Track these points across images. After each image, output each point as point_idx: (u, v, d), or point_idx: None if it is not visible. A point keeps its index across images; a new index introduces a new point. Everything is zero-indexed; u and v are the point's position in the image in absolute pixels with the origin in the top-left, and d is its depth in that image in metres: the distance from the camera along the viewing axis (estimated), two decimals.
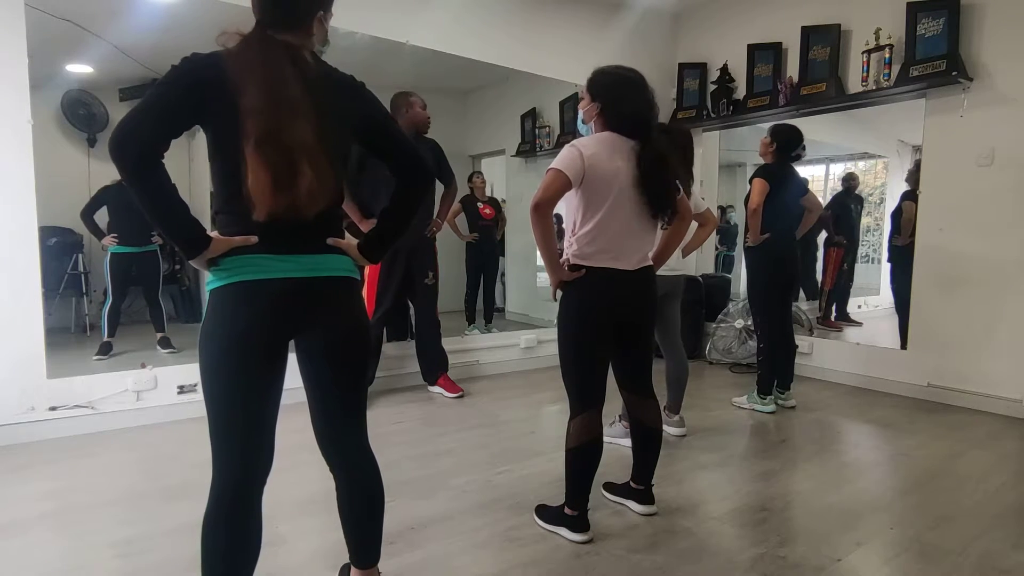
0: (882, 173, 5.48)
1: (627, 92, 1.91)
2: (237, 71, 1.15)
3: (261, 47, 1.19)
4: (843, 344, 4.44)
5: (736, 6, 4.71)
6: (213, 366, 1.23)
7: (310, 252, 1.27)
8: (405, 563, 1.80)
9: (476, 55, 4.10)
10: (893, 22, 3.76)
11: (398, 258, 3.47)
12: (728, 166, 5.64)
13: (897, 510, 2.24)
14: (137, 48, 3.69)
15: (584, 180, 1.84)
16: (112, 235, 3.98)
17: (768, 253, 3.32)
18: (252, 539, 1.29)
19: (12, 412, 2.77)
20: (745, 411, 3.46)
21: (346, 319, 1.34)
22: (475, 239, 5.21)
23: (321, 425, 1.39)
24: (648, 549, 1.92)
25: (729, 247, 5.88)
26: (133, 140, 1.11)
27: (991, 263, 3.51)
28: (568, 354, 1.96)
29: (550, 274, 1.95)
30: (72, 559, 1.85)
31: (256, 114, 1.14)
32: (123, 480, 2.42)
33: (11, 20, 2.68)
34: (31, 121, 2.74)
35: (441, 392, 3.70)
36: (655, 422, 2.12)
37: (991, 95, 3.47)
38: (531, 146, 5.43)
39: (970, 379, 3.60)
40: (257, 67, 1.16)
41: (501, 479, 2.45)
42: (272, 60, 1.18)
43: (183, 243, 1.20)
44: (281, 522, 2.02)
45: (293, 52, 1.22)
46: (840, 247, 5.06)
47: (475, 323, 5.22)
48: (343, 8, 3.72)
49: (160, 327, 4.15)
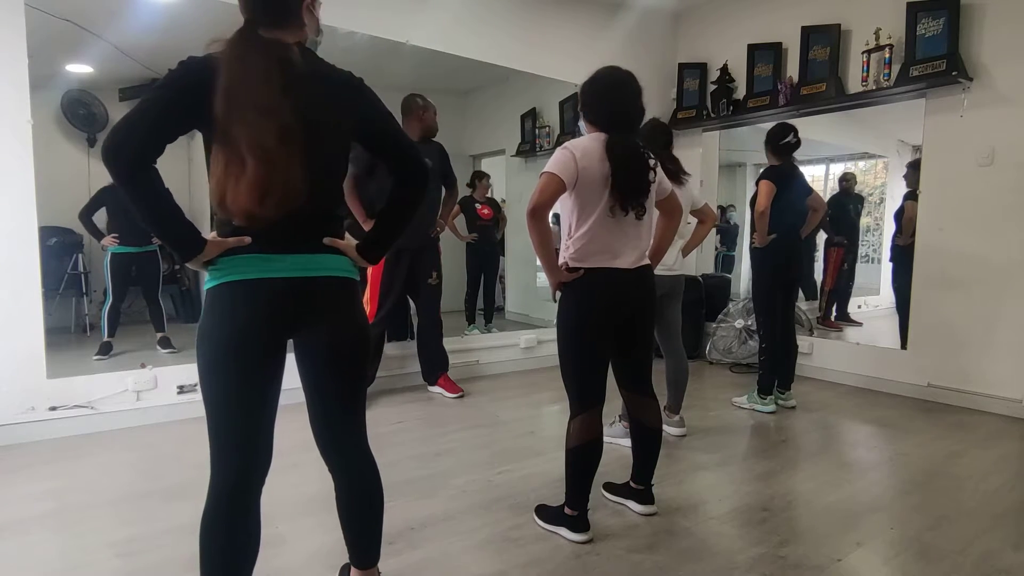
0: (882, 173, 5.48)
1: (607, 91, 1.93)
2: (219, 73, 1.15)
3: (241, 47, 1.18)
4: (843, 344, 4.44)
5: (736, 6, 4.71)
6: (210, 366, 1.23)
7: (306, 252, 1.27)
8: (405, 563, 1.80)
9: (476, 55, 4.10)
10: (893, 22, 3.76)
11: (402, 258, 3.47)
12: (728, 166, 5.63)
13: (897, 510, 2.24)
14: (137, 48, 3.69)
15: (578, 182, 1.85)
16: (112, 235, 3.98)
17: (773, 253, 3.32)
18: (251, 539, 1.29)
19: (12, 412, 2.77)
20: (745, 411, 3.46)
21: (344, 319, 1.33)
22: (474, 239, 5.21)
23: (320, 426, 1.39)
24: (648, 549, 1.92)
25: (729, 247, 5.87)
26: (126, 145, 1.11)
27: (991, 263, 3.50)
28: (568, 354, 1.96)
29: (548, 276, 1.95)
30: (72, 559, 1.85)
31: (218, 115, 1.14)
32: (123, 480, 2.42)
33: (11, 20, 2.68)
34: (31, 121, 2.74)
35: (441, 392, 3.70)
36: (655, 422, 2.12)
37: (991, 95, 3.47)
38: (531, 146, 5.43)
39: (970, 379, 3.59)
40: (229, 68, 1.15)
41: (501, 479, 2.45)
42: (248, 60, 1.17)
43: (178, 246, 1.20)
44: (281, 522, 2.02)
45: (280, 51, 1.21)
46: (840, 247, 5.07)
47: (475, 323, 5.22)
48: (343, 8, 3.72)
49: (160, 327, 4.15)
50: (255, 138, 1.14)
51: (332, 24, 3.39)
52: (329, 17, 1.89)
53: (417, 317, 3.75)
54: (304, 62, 1.24)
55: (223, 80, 1.14)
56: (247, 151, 1.14)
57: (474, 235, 5.21)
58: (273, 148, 1.15)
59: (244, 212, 1.16)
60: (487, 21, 4.14)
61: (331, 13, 2.06)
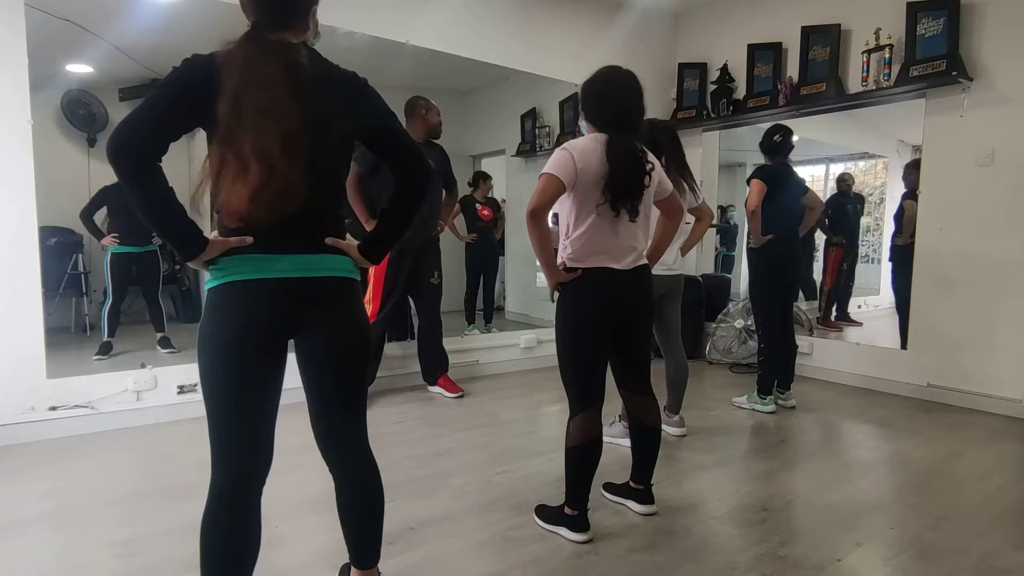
0: (882, 173, 5.48)
1: (605, 91, 1.93)
2: (223, 73, 1.15)
3: (249, 50, 1.19)
4: (843, 344, 4.44)
5: (736, 6, 4.71)
6: (211, 366, 1.23)
7: (308, 252, 1.27)
8: (405, 563, 1.80)
9: (476, 55, 4.10)
10: (893, 22, 3.76)
11: (406, 258, 3.48)
12: (728, 166, 5.64)
13: (897, 510, 2.24)
14: (137, 48, 3.69)
15: (576, 182, 1.85)
16: (112, 235, 3.98)
17: (771, 254, 3.32)
18: (251, 539, 1.29)
19: (12, 412, 2.77)
20: (745, 411, 3.46)
21: (345, 320, 1.33)
22: (474, 239, 5.22)
23: (320, 426, 1.39)
24: (648, 549, 1.92)
25: (729, 247, 5.87)
26: (130, 144, 1.11)
27: (991, 263, 3.51)
28: (566, 354, 1.96)
29: (547, 276, 1.95)
30: (72, 559, 1.85)
31: (223, 116, 1.14)
32: (123, 480, 2.42)
33: (11, 20, 2.68)
34: (31, 121, 2.74)
35: (441, 392, 3.70)
36: (654, 421, 2.12)
37: (991, 95, 3.47)
38: (531, 146, 5.43)
39: (970, 379, 3.59)
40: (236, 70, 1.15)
41: (501, 479, 2.45)
42: (257, 63, 1.17)
43: (180, 245, 1.20)
44: (281, 522, 2.02)
45: (288, 52, 1.22)
46: (839, 247, 5.06)
47: (475, 323, 5.22)
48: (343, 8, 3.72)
49: (160, 327, 4.15)
50: (258, 142, 1.14)
51: (332, 24, 3.39)
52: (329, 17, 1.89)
53: (417, 317, 3.75)
54: (310, 63, 1.24)
55: (229, 81, 1.14)
56: (249, 154, 1.14)
57: (474, 235, 5.21)
58: (275, 153, 1.15)
59: (236, 213, 1.16)
60: (487, 21, 4.14)
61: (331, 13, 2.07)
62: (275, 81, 1.17)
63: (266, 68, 1.17)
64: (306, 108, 1.20)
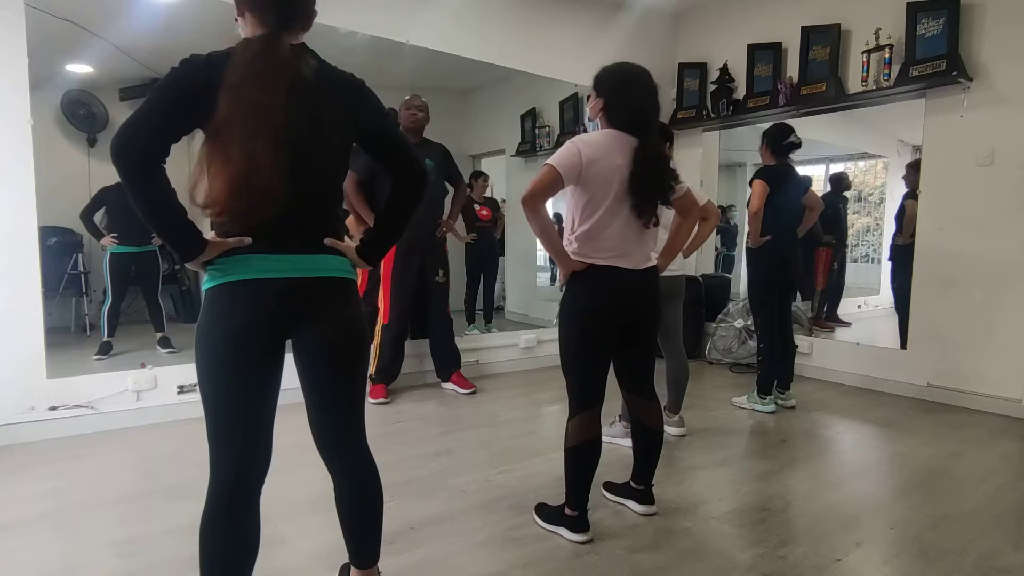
0: (882, 173, 5.48)
1: (630, 89, 1.91)
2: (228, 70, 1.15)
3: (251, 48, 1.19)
4: (843, 344, 4.44)
5: (736, 6, 4.71)
6: (209, 366, 1.23)
7: (306, 252, 1.27)
8: (405, 563, 1.80)
9: (476, 55, 4.10)
10: (893, 22, 3.76)
11: (413, 258, 3.49)
12: (728, 166, 5.64)
13: (897, 510, 2.24)
14: (137, 48, 3.69)
15: (581, 177, 1.83)
16: (112, 235, 3.98)
17: (770, 253, 3.32)
18: (250, 539, 1.29)
19: (12, 412, 2.77)
20: (745, 411, 3.46)
21: (343, 320, 1.33)
22: (473, 240, 5.21)
23: (319, 427, 1.39)
24: (648, 549, 1.92)
25: (729, 247, 5.87)
26: (135, 146, 1.11)
27: (991, 263, 3.51)
28: (569, 353, 1.95)
29: (559, 265, 1.93)
30: (72, 559, 1.85)
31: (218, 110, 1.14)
32: (123, 480, 2.42)
33: (11, 20, 2.68)
34: (31, 121, 2.74)
35: (454, 388, 3.75)
36: (656, 423, 2.11)
37: (991, 95, 3.47)
38: (531, 146, 5.43)
39: (970, 379, 3.60)
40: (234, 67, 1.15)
41: (501, 479, 2.45)
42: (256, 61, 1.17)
43: (178, 246, 1.20)
44: (281, 522, 2.02)
45: (296, 53, 1.22)
46: (829, 247, 5.05)
47: (475, 323, 5.22)
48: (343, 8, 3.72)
49: (160, 327, 4.15)
50: (245, 135, 1.14)
51: (332, 24, 3.39)
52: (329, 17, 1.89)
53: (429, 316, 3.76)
54: (309, 63, 1.25)
55: (228, 78, 1.14)
56: (235, 146, 1.14)
57: (473, 236, 5.20)
58: (260, 147, 1.14)
59: (216, 204, 1.15)
60: (487, 21, 4.14)
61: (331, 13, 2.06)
62: (272, 78, 1.17)
63: (265, 65, 1.17)
64: (302, 107, 1.20)
